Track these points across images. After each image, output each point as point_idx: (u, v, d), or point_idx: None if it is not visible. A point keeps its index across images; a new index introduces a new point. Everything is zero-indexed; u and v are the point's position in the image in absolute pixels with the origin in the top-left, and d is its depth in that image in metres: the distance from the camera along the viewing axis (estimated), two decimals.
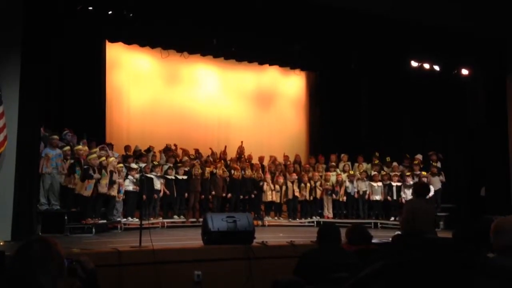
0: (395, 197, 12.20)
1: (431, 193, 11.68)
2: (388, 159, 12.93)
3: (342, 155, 13.27)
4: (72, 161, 9.71)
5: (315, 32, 10.48)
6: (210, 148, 12.77)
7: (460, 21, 10.38)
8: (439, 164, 12.45)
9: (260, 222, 11.81)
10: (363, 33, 10.60)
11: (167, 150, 12.00)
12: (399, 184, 12.26)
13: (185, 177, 11.39)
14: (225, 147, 13.01)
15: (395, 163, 12.76)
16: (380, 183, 12.39)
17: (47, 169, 9.26)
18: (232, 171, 11.97)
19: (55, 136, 9.58)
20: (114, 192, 10.16)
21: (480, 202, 12.08)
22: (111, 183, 10.04)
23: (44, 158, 9.22)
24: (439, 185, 12.23)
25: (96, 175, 9.72)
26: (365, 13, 10.02)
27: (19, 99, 8.23)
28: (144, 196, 9.93)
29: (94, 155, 9.86)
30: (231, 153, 13.00)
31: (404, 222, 2.76)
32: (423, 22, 10.51)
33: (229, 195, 11.89)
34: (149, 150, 11.64)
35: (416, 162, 12.52)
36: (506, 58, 11.90)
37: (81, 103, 11.27)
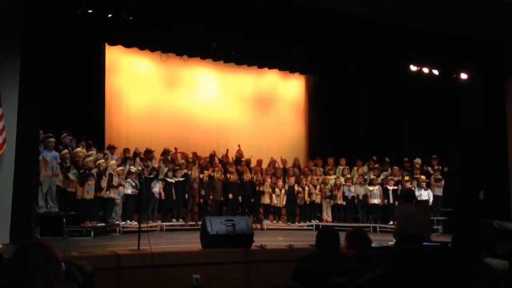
0: (391, 201, 12.20)
1: (425, 198, 11.73)
2: (387, 159, 12.97)
3: (341, 159, 13.29)
4: (68, 164, 9.71)
5: (315, 36, 10.49)
6: (213, 152, 12.77)
7: (460, 26, 10.39)
8: (439, 169, 12.48)
9: (259, 226, 11.80)
10: (363, 37, 10.60)
11: (165, 153, 11.99)
12: (395, 187, 12.28)
13: (182, 179, 11.39)
14: (227, 150, 12.99)
15: (396, 167, 12.77)
16: (378, 187, 12.40)
17: (45, 172, 9.25)
18: (228, 175, 11.97)
19: (52, 139, 9.57)
20: (113, 195, 10.15)
21: (479, 206, 12.07)
22: (110, 185, 10.04)
23: (42, 162, 9.21)
24: (440, 190, 12.25)
25: (92, 179, 9.71)
26: (364, 17, 10.03)
27: (19, 101, 8.23)
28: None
29: (91, 158, 9.87)
30: (232, 157, 12.99)
31: (397, 227, 2.76)
32: (422, 27, 10.52)
33: (230, 195, 11.85)
34: (147, 152, 11.63)
35: (416, 166, 12.56)
36: (505, 63, 11.91)
37: (81, 106, 11.28)
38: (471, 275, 1.05)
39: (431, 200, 12.00)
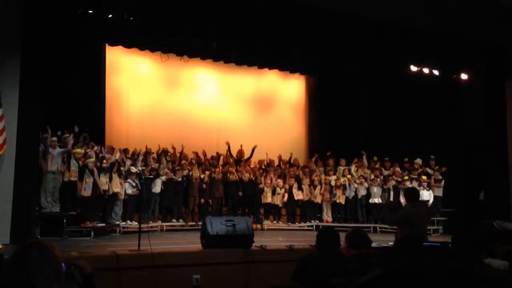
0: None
1: (426, 198, 11.72)
2: (386, 159, 12.98)
3: (341, 159, 13.28)
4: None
5: (315, 37, 10.50)
6: (217, 153, 12.76)
7: (460, 26, 10.40)
8: (438, 169, 12.49)
9: (259, 226, 11.80)
10: (363, 37, 10.62)
11: (164, 153, 11.99)
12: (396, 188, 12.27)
13: (181, 179, 11.39)
14: (227, 151, 12.97)
15: (397, 168, 12.76)
16: (378, 187, 12.40)
17: (52, 167, 9.24)
18: (228, 175, 11.97)
19: (54, 138, 9.59)
20: (117, 189, 10.16)
21: (479, 207, 12.07)
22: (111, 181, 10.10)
23: (48, 156, 9.20)
24: (440, 190, 12.24)
25: (91, 178, 9.71)
26: (365, 18, 10.03)
27: (19, 102, 8.24)
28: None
29: (92, 159, 9.87)
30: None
31: (397, 228, 2.76)
32: (422, 27, 10.53)
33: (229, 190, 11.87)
34: (148, 153, 11.64)
35: (416, 166, 12.56)
36: (505, 63, 11.92)
37: (81, 106, 11.26)
38: (471, 275, 1.04)
39: (431, 200, 12.01)
